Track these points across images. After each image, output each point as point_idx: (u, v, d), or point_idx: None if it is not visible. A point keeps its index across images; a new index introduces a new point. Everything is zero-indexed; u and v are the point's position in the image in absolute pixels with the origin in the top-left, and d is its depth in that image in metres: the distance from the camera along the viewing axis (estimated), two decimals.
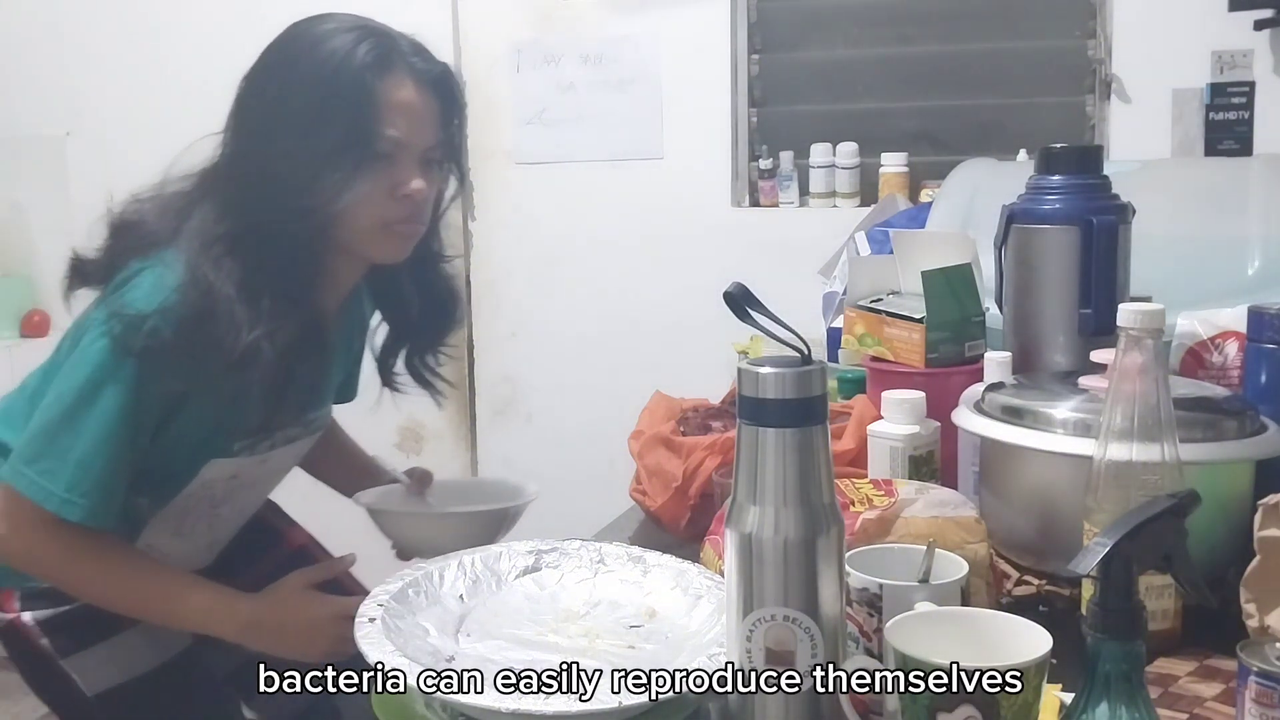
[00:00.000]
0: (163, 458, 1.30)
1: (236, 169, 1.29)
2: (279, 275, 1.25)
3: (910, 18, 2.72)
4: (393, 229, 1.29)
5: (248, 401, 1.25)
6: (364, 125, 1.24)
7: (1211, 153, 2.43)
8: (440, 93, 1.31)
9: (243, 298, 1.21)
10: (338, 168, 1.23)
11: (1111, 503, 0.94)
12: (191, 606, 1.30)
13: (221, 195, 1.28)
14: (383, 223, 1.28)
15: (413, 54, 1.29)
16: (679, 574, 1.08)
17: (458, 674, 0.89)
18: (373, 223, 1.28)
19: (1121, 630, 0.65)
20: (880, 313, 1.46)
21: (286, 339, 1.23)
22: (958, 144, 2.65)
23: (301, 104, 1.25)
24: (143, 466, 1.28)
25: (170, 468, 1.32)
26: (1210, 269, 1.53)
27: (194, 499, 1.37)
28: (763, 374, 0.80)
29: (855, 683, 0.81)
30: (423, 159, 1.30)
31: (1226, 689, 0.89)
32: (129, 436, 1.23)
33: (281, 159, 1.25)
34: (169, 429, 1.28)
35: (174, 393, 1.25)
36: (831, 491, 0.82)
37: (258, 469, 1.40)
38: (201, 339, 1.20)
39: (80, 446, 1.22)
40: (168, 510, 1.36)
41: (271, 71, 1.29)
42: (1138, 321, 0.93)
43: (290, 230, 1.25)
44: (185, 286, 1.21)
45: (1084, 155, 1.39)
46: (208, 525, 1.43)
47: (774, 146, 2.81)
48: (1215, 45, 2.44)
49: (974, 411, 1.18)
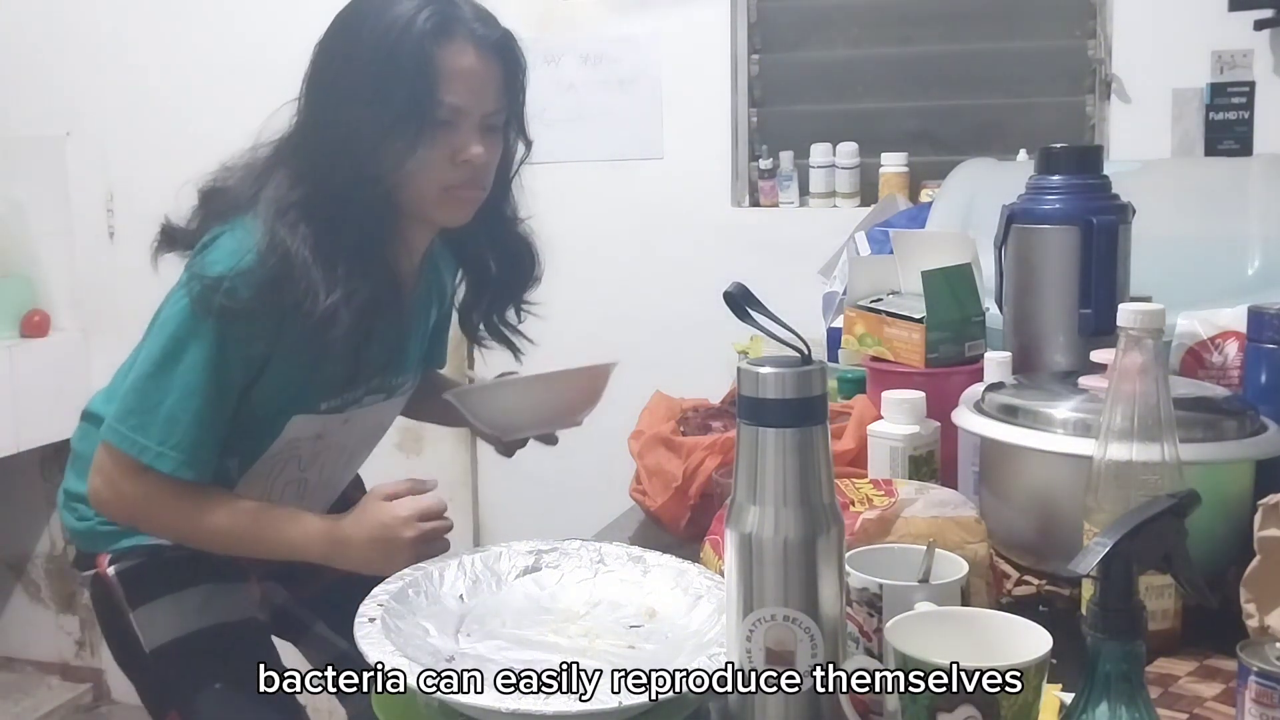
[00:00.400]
0: (250, 413, 1.33)
1: (307, 136, 1.32)
2: (352, 239, 1.28)
3: (910, 18, 2.72)
4: (454, 194, 1.32)
5: (328, 361, 1.29)
6: (424, 93, 1.26)
7: (1211, 153, 2.43)
8: (502, 58, 1.33)
9: (318, 261, 1.25)
10: (400, 135, 1.26)
11: (1111, 503, 0.94)
12: (281, 533, 1.31)
13: (294, 162, 1.31)
14: (444, 187, 1.31)
15: (474, 20, 1.31)
16: (679, 574, 1.08)
17: (458, 674, 0.89)
18: (434, 188, 1.31)
19: (1121, 630, 0.65)
20: (880, 313, 1.46)
21: (362, 300, 1.26)
22: (958, 144, 2.65)
23: (365, 72, 1.27)
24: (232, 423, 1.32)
25: (257, 423, 1.35)
26: (1210, 269, 1.53)
27: (280, 459, 1.39)
28: (763, 374, 0.80)
29: (855, 683, 0.81)
30: (483, 125, 1.32)
31: (1226, 689, 0.89)
32: (215, 393, 1.27)
33: (347, 126, 1.28)
34: (255, 386, 1.31)
35: (256, 352, 1.29)
36: (831, 491, 0.82)
37: (341, 429, 1.42)
38: (278, 301, 1.25)
39: (168, 402, 1.26)
40: (255, 471, 1.38)
41: (338, 39, 1.32)
42: (1138, 321, 0.93)
43: (359, 196, 1.28)
44: (262, 250, 1.25)
45: (1084, 155, 1.39)
46: (297, 493, 1.44)
47: (774, 146, 2.81)
48: (1215, 45, 2.44)
49: (974, 411, 1.18)
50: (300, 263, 1.24)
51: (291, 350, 1.29)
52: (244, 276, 1.24)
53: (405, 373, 1.47)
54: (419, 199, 1.32)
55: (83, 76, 3.15)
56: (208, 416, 1.28)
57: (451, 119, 1.29)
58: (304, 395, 1.35)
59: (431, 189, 1.31)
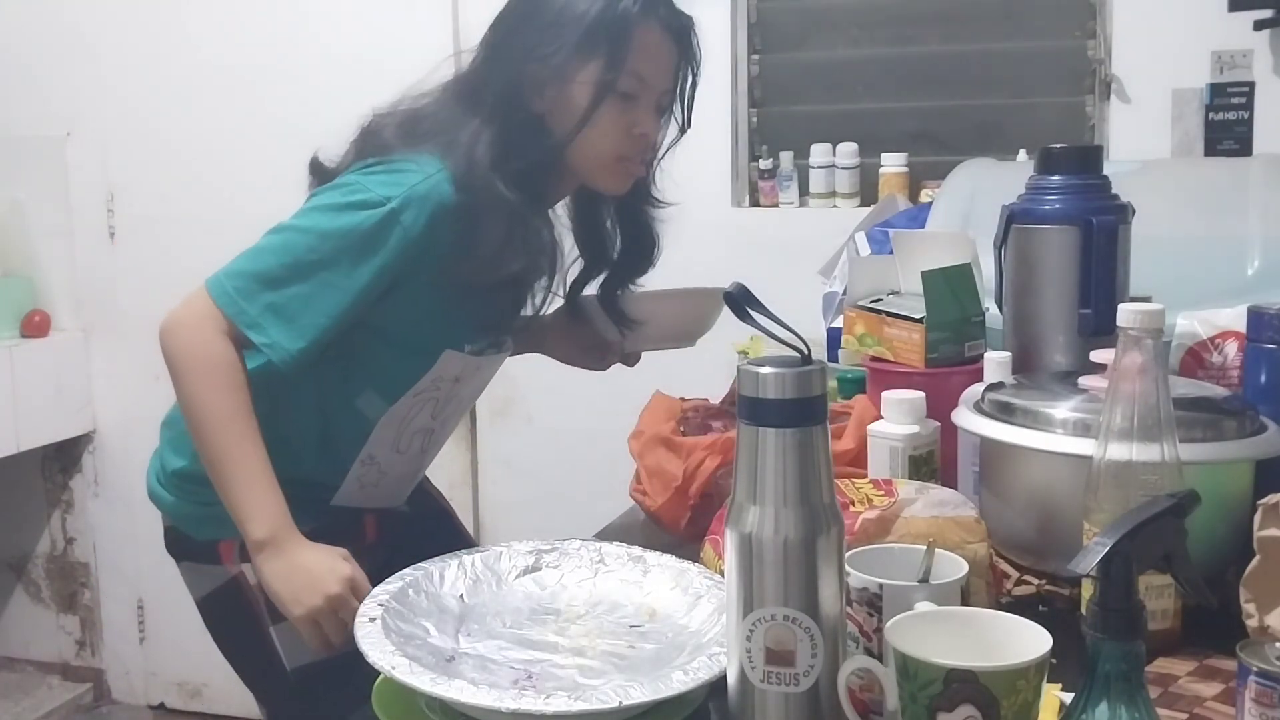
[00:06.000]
0: (407, 340, 1.35)
1: (490, 85, 1.35)
2: (535, 188, 1.34)
3: (910, 18, 2.72)
4: (623, 164, 1.39)
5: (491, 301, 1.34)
6: (618, 62, 1.32)
7: (1211, 153, 2.43)
8: (681, 43, 1.41)
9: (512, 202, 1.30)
10: (587, 96, 1.32)
11: (1111, 503, 0.94)
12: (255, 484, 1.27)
13: (476, 108, 1.34)
14: (616, 157, 1.37)
15: (666, 2, 1.39)
16: (679, 574, 1.08)
17: (458, 674, 0.89)
18: (609, 155, 1.37)
19: (1121, 630, 0.65)
20: (880, 313, 1.46)
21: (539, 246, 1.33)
22: (958, 144, 2.65)
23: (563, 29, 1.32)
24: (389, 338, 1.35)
25: (415, 350, 1.37)
26: (1210, 269, 1.53)
27: (421, 400, 1.40)
28: (763, 374, 0.80)
29: (855, 683, 0.82)
30: (657, 104, 1.39)
31: (1226, 689, 0.89)
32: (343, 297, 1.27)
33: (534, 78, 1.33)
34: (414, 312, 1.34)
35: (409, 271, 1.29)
36: (831, 491, 0.82)
37: (473, 375, 1.44)
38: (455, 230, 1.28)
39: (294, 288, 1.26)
40: (396, 412, 1.39)
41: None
42: (1138, 321, 0.93)
43: (536, 146, 1.34)
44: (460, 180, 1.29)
45: (1084, 155, 1.39)
46: (422, 444, 1.46)
47: (774, 146, 2.81)
48: (1215, 45, 2.44)
49: (974, 411, 1.18)
50: (490, 195, 1.28)
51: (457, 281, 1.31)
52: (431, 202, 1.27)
53: (513, 330, 1.49)
54: (589, 162, 1.37)
55: (83, 76, 3.15)
56: (328, 315, 1.27)
57: (635, 92, 1.35)
58: (454, 329, 1.37)
59: (606, 156, 1.37)
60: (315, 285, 1.26)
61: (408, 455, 1.45)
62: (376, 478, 1.43)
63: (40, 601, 3.37)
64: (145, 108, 3.10)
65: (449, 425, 1.50)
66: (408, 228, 1.26)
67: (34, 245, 3.18)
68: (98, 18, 3.12)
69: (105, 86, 3.14)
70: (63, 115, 3.17)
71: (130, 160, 3.13)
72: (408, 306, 1.33)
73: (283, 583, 1.24)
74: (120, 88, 3.12)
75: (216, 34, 3.02)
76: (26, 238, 3.18)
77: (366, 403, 1.38)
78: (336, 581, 1.23)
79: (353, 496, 1.43)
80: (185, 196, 3.04)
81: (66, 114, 3.17)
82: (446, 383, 1.41)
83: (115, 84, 3.13)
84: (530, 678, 0.94)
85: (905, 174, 2.65)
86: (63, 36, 3.16)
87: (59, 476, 3.29)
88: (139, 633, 3.32)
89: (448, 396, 1.43)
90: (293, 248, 1.27)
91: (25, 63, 3.18)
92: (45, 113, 3.18)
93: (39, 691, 3.31)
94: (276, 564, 1.25)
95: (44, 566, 3.35)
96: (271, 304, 1.26)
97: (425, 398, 1.40)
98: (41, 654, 3.38)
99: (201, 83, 3.04)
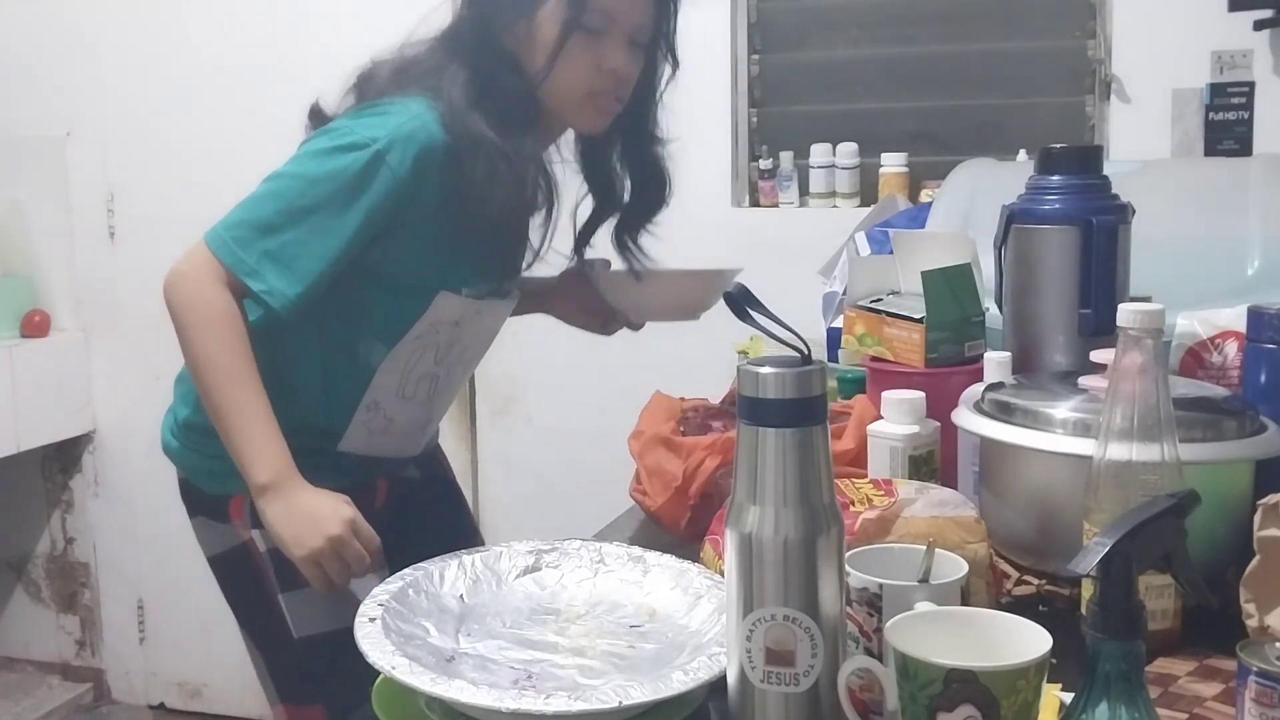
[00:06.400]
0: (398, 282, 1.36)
1: (467, 26, 1.39)
2: (513, 127, 1.34)
3: (910, 18, 2.72)
4: (594, 101, 1.38)
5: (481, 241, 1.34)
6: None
7: (1211, 153, 2.43)
8: None
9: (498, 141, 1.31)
10: (554, 32, 1.33)
11: (1111, 503, 0.94)
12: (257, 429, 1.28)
13: (456, 51, 1.37)
14: (587, 93, 1.37)
15: None
16: (679, 574, 1.08)
17: (458, 674, 0.89)
18: (578, 92, 1.37)
19: (1121, 630, 0.65)
20: (880, 313, 1.46)
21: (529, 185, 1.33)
22: (958, 144, 2.65)
23: None
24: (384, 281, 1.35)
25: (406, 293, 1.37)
26: (1210, 269, 1.53)
27: (421, 344, 1.40)
28: (763, 374, 0.80)
29: (855, 683, 0.82)
30: (630, 40, 1.38)
31: (1226, 689, 0.89)
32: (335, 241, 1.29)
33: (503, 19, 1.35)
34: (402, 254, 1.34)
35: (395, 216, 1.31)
36: (831, 491, 0.82)
37: (474, 320, 1.44)
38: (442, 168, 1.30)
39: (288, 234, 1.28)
40: (397, 355, 1.39)
41: None
42: (1138, 321, 0.93)
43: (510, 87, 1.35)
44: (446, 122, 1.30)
45: (1084, 155, 1.39)
46: (428, 390, 1.46)
47: (774, 146, 2.81)
48: (1215, 45, 2.44)
49: (974, 411, 1.18)
50: (474, 131, 1.30)
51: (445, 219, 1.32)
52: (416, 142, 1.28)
53: (517, 276, 1.49)
54: (562, 100, 1.37)
55: (83, 76, 3.15)
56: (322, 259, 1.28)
57: (602, 27, 1.35)
58: (451, 272, 1.37)
59: (575, 93, 1.37)
60: (309, 230, 1.28)
61: (414, 402, 1.45)
62: (384, 424, 1.44)
63: (40, 601, 3.37)
64: (145, 108, 3.10)
65: (455, 372, 1.50)
66: (394, 168, 1.28)
67: (34, 245, 3.18)
68: (98, 18, 3.12)
69: (105, 86, 3.14)
70: (63, 115, 3.17)
71: (130, 160, 3.13)
72: (402, 249, 1.34)
73: (285, 525, 1.26)
74: (120, 88, 3.12)
75: (216, 34, 3.02)
76: (26, 238, 3.18)
77: (367, 348, 1.39)
78: (338, 523, 1.25)
79: (360, 443, 1.43)
80: (185, 196, 3.03)
81: (66, 114, 3.17)
82: (446, 327, 1.41)
83: (115, 84, 3.13)
84: (530, 678, 0.94)
85: (905, 174, 2.65)
86: (63, 36, 3.16)
87: (59, 476, 3.29)
88: (139, 633, 3.32)
89: (449, 342, 1.43)
90: (285, 194, 1.29)
91: (25, 63, 3.18)
92: (45, 113, 3.18)
93: (39, 691, 3.31)
94: (279, 506, 1.26)
95: (44, 566, 3.35)
96: (268, 251, 1.28)
97: (425, 342, 1.41)
98: (41, 654, 3.39)
99: (201, 83, 3.04)
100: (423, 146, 1.29)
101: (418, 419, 1.50)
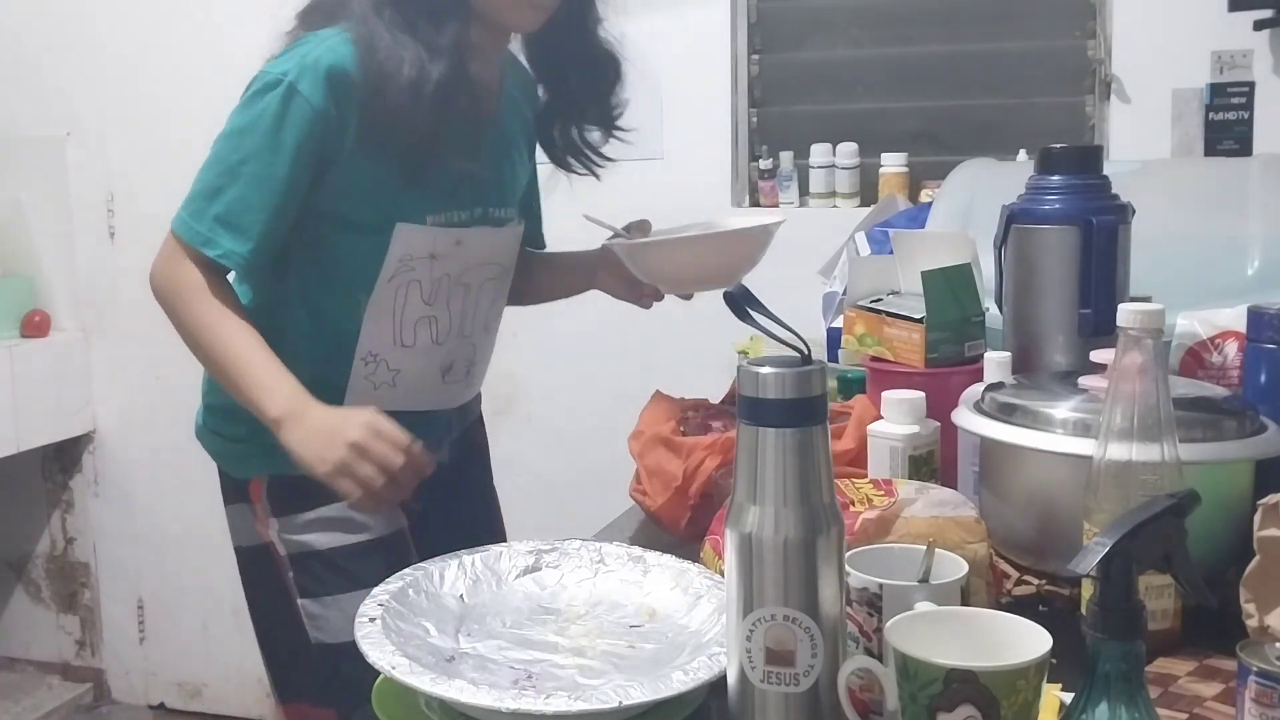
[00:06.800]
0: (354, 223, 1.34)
1: None
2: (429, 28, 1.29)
3: (910, 18, 2.72)
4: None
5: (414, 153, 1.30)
6: None
7: (1211, 153, 2.43)
8: None
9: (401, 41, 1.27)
10: None
11: (1111, 503, 0.94)
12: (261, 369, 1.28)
13: None
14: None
15: None
16: (679, 574, 1.08)
17: (458, 674, 0.89)
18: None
19: (1121, 630, 0.65)
20: (880, 313, 1.46)
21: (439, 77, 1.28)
22: (958, 144, 2.65)
23: None
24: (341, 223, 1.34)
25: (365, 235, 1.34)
26: (1210, 269, 1.53)
27: (400, 284, 1.37)
28: (763, 374, 0.80)
29: (855, 683, 0.82)
30: None
31: (1226, 689, 0.89)
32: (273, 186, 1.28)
33: None
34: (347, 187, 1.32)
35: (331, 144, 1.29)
36: (831, 491, 0.82)
37: (456, 253, 1.40)
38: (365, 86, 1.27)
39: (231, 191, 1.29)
40: (378, 301, 1.37)
41: None
42: (1138, 321, 0.93)
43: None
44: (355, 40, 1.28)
45: (1084, 155, 1.39)
46: (430, 336, 1.42)
47: (774, 146, 2.81)
48: (1215, 45, 2.44)
49: (974, 411, 1.18)
50: (384, 44, 1.27)
51: (375, 141, 1.30)
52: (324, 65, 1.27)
53: (508, 205, 1.47)
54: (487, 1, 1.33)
55: (83, 76, 3.15)
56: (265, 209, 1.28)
57: None
58: (403, 200, 1.34)
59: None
60: (245, 183, 1.29)
61: (417, 349, 1.41)
62: (389, 376, 1.41)
63: (40, 601, 3.37)
64: (145, 108, 3.10)
65: (457, 311, 1.44)
66: (308, 97, 1.27)
67: (34, 245, 3.18)
68: (98, 18, 3.12)
69: (105, 86, 3.14)
70: (63, 115, 3.17)
71: (130, 160, 3.13)
72: (346, 183, 1.32)
73: (305, 446, 1.24)
74: (120, 88, 3.12)
75: (217, 34, 3.02)
76: (26, 238, 3.18)
77: (347, 297, 1.37)
78: (355, 428, 1.23)
79: (367, 398, 1.38)
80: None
81: (66, 114, 3.16)
82: (421, 261, 1.37)
83: (115, 84, 3.13)
84: (530, 678, 0.94)
85: (905, 174, 2.65)
86: (63, 36, 3.16)
87: (59, 476, 3.29)
88: (139, 633, 3.31)
89: (434, 278, 1.39)
90: (221, 154, 1.31)
91: (25, 63, 3.18)
92: (45, 113, 3.18)
93: (39, 691, 3.31)
94: (296, 433, 1.25)
95: (44, 566, 3.35)
96: (217, 215, 1.29)
97: (403, 280, 1.37)
98: (41, 654, 3.38)
99: (201, 83, 3.04)
100: (331, 69, 1.27)
101: (427, 368, 1.44)
